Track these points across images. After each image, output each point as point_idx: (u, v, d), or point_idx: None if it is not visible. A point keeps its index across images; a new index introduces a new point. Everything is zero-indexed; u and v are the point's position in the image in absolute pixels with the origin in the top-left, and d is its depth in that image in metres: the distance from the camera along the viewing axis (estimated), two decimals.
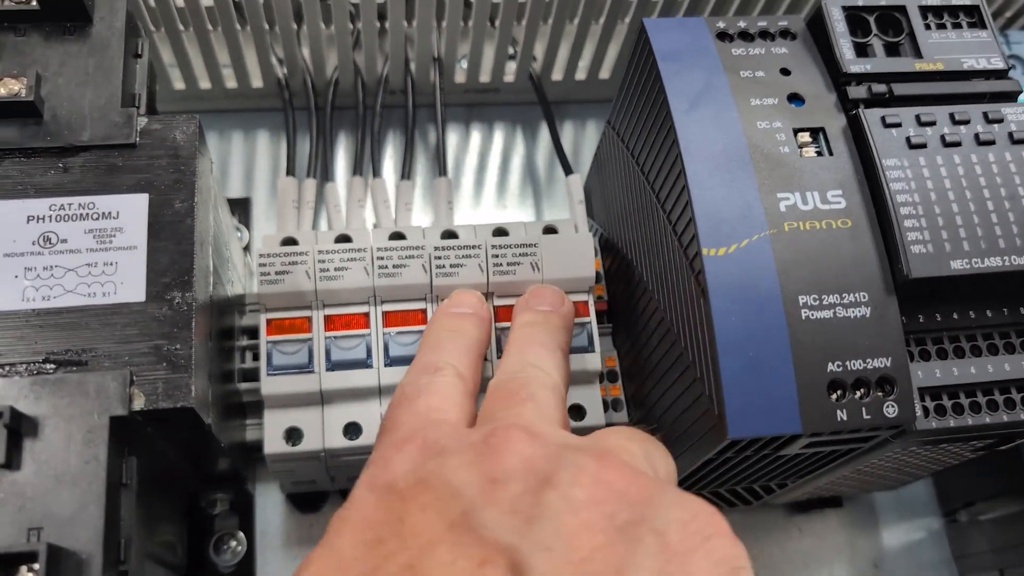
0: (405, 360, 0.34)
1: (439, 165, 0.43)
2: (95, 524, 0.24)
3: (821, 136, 0.30)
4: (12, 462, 0.24)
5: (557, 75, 0.47)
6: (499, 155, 0.48)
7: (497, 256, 0.35)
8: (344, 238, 0.36)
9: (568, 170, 0.42)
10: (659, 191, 0.31)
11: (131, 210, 0.28)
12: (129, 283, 0.27)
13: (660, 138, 0.31)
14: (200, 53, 0.43)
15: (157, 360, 0.26)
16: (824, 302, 0.27)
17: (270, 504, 0.40)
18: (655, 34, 0.31)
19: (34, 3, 0.29)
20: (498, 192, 0.47)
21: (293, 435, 0.34)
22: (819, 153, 0.30)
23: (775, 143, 0.29)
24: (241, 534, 0.38)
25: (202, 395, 0.26)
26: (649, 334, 0.34)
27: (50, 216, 0.27)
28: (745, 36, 0.32)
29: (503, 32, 0.44)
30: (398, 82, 0.45)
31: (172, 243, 0.27)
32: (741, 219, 0.28)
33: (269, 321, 0.34)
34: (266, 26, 0.42)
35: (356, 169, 0.43)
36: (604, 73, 0.47)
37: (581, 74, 0.47)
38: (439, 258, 0.35)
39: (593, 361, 0.35)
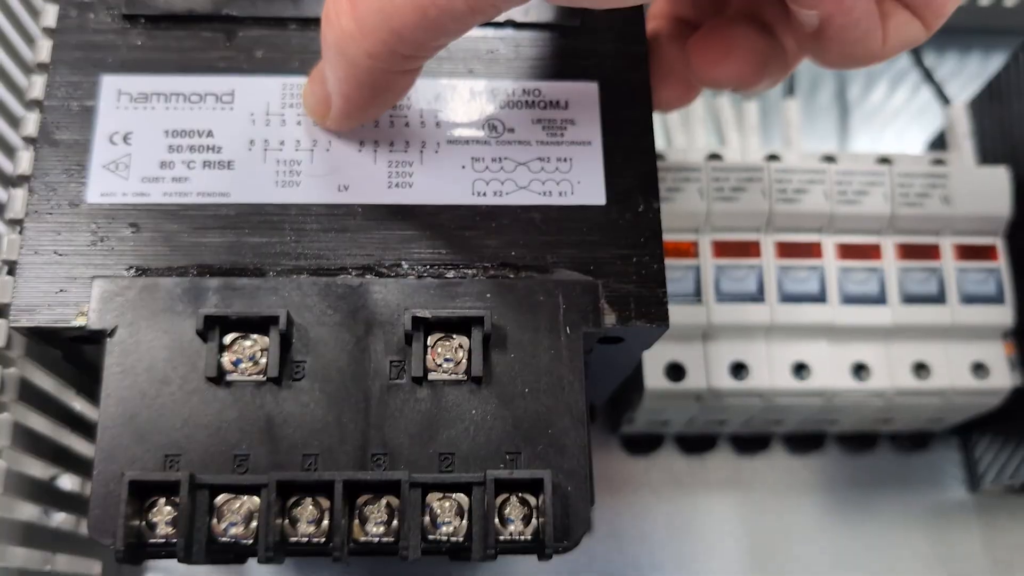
0: (798, 297, 0.31)
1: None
2: (578, 449, 0.21)
3: None
4: (484, 377, 0.21)
5: None
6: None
7: (904, 187, 0.31)
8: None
9: (945, 100, 0.37)
10: None
11: (581, 101, 0.24)
12: (587, 183, 0.23)
13: None
14: None
15: (626, 272, 0.23)
16: None
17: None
18: None
19: None
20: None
21: (674, 372, 0.30)
22: None
23: None
24: None
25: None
26: None
27: (494, 102, 0.24)
28: None
29: None
30: None
31: (630, 140, 0.24)
32: None
33: None
34: None
35: None
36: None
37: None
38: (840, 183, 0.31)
39: (1002, 315, 0.31)
